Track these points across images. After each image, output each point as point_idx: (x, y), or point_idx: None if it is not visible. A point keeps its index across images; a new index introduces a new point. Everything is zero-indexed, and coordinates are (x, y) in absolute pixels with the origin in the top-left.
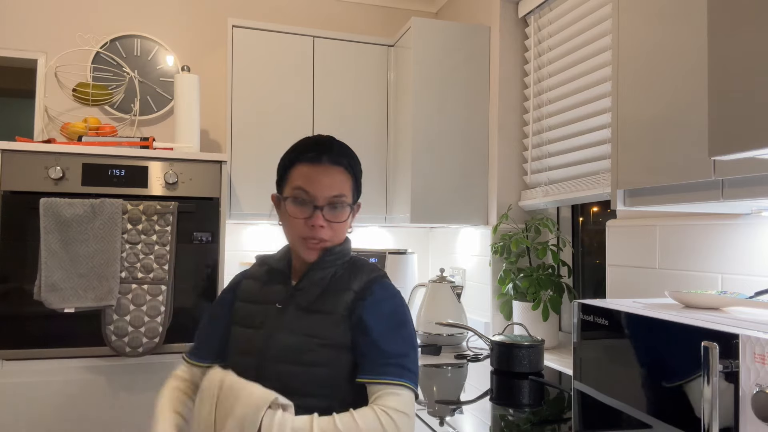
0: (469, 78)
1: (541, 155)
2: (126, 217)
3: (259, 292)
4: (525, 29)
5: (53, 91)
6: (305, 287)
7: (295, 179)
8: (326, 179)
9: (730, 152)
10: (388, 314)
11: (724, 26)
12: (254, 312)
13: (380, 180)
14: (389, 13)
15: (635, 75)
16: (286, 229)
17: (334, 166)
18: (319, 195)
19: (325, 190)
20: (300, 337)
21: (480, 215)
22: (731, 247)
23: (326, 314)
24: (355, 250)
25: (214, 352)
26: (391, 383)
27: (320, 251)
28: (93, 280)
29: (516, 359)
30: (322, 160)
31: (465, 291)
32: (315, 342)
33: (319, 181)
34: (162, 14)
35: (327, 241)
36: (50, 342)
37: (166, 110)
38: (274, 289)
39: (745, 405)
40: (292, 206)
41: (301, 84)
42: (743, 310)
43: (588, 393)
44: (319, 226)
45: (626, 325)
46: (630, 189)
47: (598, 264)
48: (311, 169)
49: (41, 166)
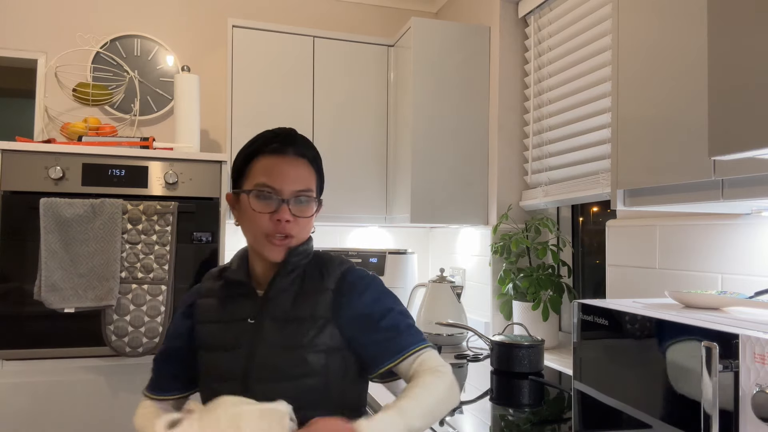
0: (469, 78)
1: (541, 155)
2: (126, 217)
3: (220, 309)
4: (525, 29)
5: (53, 91)
6: (275, 296)
7: (257, 173)
8: (292, 171)
9: (730, 152)
10: (378, 297)
11: (724, 26)
12: (220, 332)
13: (380, 180)
14: (389, 13)
15: (635, 75)
16: (247, 227)
17: (298, 158)
18: (285, 188)
19: (291, 183)
20: (283, 350)
21: (480, 215)
22: (731, 247)
23: (306, 320)
24: (356, 250)
25: (180, 383)
26: (416, 351)
27: (286, 250)
28: (93, 280)
29: (516, 359)
30: (287, 151)
31: (465, 291)
32: (300, 352)
33: (285, 173)
34: (162, 14)
35: (293, 237)
36: (50, 342)
37: (166, 110)
38: (240, 304)
39: (745, 405)
40: (255, 201)
41: (301, 84)
42: (743, 310)
43: (588, 393)
44: (285, 221)
45: (626, 325)
46: (630, 189)
47: (598, 264)
48: (275, 161)
49: (41, 166)
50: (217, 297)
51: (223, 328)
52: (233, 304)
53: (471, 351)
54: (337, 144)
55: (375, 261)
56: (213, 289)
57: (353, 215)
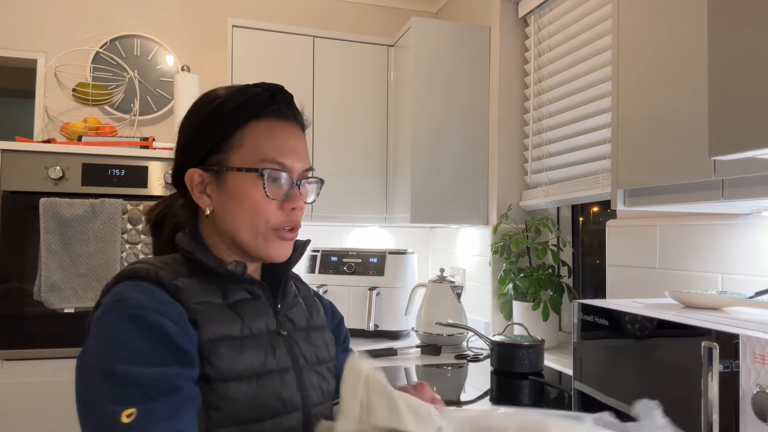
0: (469, 78)
1: (542, 155)
2: (126, 217)
3: (233, 319)
4: (525, 29)
5: (53, 91)
6: (288, 299)
7: (260, 144)
8: (300, 144)
9: (730, 152)
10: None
11: (724, 26)
12: (247, 351)
13: (380, 180)
14: (389, 13)
15: (635, 75)
16: (238, 217)
17: (298, 125)
18: (296, 166)
19: (301, 159)
20: (322, 369)
21: (480, 215)
22: (731, 247)
23: (322, 329)
24: (356, 250)
25: None
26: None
27: (292, 247)
28: (93, 280)
29: (516, 359)
30: (289, 116)
31: (465, 291)
32: (327, 368)
33: (294, 146)
34: (162, 14)
35: (298, 230)
36: (50, 342)
37: (166, 110)
38: (255, 309)
39: (745, 405)
40: (271, 185)
41: (301, 84)
42: (743, 310)
43: (588, 393)
44: (299, 209)
45: (626, 325)
46: (630, 189)
47: (598, 264)
48: (279, 128)
49: (41, 166)
50: (213, 304)
51: (245, 345)
52: (245, 309)
53: (471, 351)
54: (337, 144)
55: (375, 261)
56: (209, 293)
57: (353, 215)
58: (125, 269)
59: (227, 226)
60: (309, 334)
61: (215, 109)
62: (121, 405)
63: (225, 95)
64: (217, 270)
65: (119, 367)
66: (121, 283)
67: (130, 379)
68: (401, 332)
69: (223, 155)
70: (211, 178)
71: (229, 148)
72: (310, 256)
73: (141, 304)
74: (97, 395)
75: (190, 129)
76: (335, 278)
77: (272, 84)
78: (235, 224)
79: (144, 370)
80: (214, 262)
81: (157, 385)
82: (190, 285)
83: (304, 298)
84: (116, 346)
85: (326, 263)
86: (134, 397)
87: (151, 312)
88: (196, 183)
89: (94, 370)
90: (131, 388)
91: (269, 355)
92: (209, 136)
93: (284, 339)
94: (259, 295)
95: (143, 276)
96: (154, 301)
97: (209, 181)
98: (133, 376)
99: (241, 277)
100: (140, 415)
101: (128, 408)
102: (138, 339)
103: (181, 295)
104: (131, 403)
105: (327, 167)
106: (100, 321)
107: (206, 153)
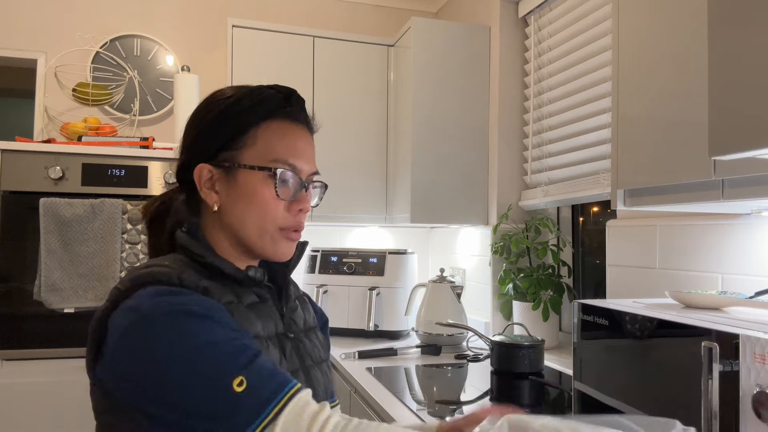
0: (469, 78)
1: (542, 155)
2: (126, 217)
3: (254, 321)
4: (525, 29)
5: (53, 91)
6: (291, 302)
7: (272, 144)
8: (309, 147)
9: (730, 152)
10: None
11: (724, 26)
12: (269, 352)
13: (380, 180)
14: (389, 13)
15: (635, 75)
16: (247, 215)
17: (307, 128)
18: (305, 168)
19: (310, 162)
20: (323, 368)
21: (480, 215)
22: (731, 247)
23: (315, 329)
24: (356, 250)
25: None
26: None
27: (295, 247)
28: (93, 280)
29: (516, 359)
30: (300, 118)
31: (465, 291)
32: (326, 367)
33: (304, 149)
34: (162, 14)
35: (301, 231)
36: (50, 342)
37: (166, 110)
38: (265, 311)
39: (745, 405)
40: (282, 185)
41: (301, 84)
42: (743, 310)
43: (588, 393)
44: (305, 211)
45: (626, 325)
46: (630, 189)
47: (598, 264)
48: (291, 130)
49: (41, 166)
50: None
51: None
52: (256, 311)
53: (471, 351)
54: (337, 144)
55: (375, 261)
56: (227, 291)
57: (353, 215)
58: (142, 273)
59: (234, 224)
60: (308, 335)
61: (230, 107)
62: (229, 376)
63: (239, 94)
64: (236, 276)
65: (206, 349)
66: (146, 288)
67: (223, 353)
68: (401, 332)
69: (234, 152)
70: (220, 174)
71: (242, 145)
72: (310, 256)
73: (182, 302)
74: (196, 381)
75: (201, 125)
76: (335, 278)
77: (286, 87)
78: (243, 222)
79: (229, 344)
80: (231, 269)
81: (249, 351)
82: (213, 286)
83: (297, 299)
84: (189, 339)
85: (326, 263)
86: (238, 365)
87: (195, 305)
88: (205, 179)
89: (180, 366)
90: (231, 359)
91: (283, 357)
92: (223, 133)
93: (291, 340)
94: (266, 298)
95: (166, 281)
96: (193, 301)
97: (218, 178)
98: (224, 350)
99: (260, 282)
100: (249, 378)
101: (237, 377)
102: (200, 325)
103: (211, 296)
104: (236, 373)
105: (327, 167)
106: (145, 328)
107: (217, 149)
